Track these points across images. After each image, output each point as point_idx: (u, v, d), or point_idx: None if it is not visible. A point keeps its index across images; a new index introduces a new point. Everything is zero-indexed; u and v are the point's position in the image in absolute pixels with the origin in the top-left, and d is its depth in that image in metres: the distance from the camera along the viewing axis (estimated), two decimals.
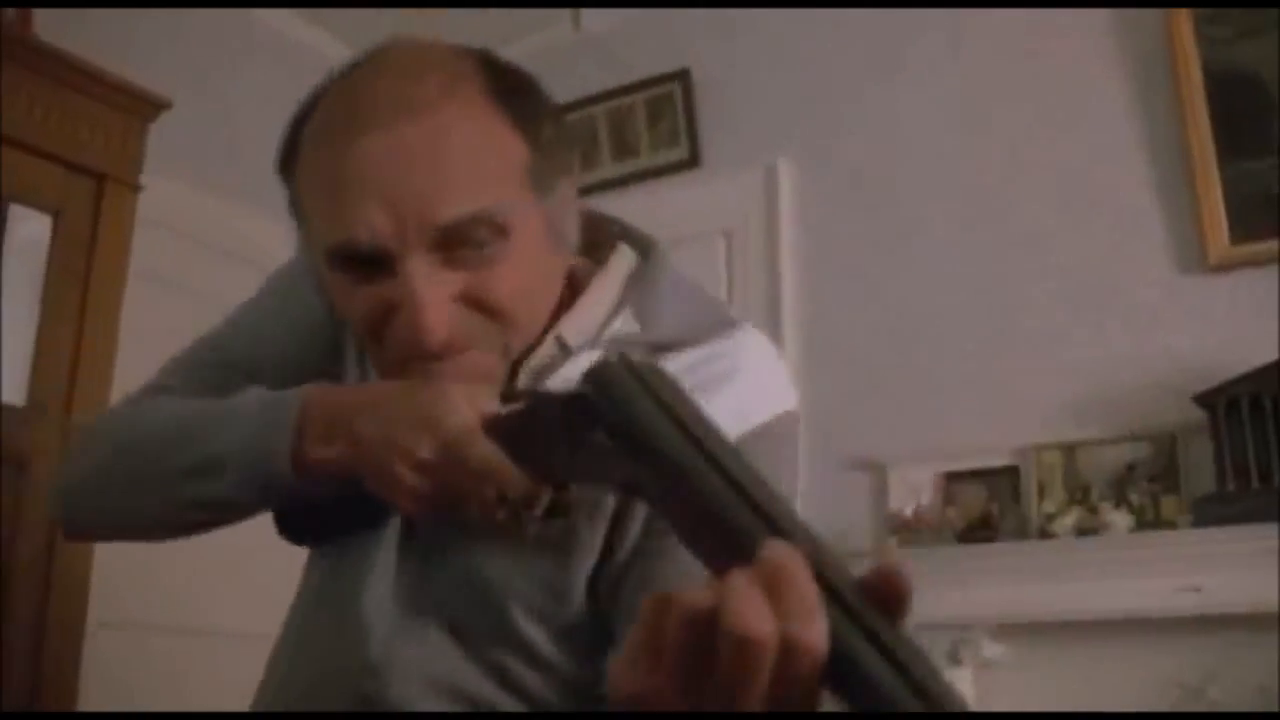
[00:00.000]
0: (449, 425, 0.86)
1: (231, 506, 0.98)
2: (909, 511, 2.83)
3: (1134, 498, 2.59)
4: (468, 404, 0.87)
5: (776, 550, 0.52)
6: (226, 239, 3.41)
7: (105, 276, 2.57)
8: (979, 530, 2.74)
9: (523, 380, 0.98)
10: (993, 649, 2.63)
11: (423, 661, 0.96)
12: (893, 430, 2.95)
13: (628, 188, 3.49)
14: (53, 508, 1.10)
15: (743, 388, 0.99)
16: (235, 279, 3.38)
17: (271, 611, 1.20)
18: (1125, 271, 2.79)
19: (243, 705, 1.09)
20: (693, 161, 3.48)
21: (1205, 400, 2.50)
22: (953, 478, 2.88)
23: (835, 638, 0.50)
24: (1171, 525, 2.53)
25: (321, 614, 1.04)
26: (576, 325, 1.01)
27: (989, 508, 2.77)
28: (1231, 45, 2.75)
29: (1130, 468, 2.65)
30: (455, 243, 0.90)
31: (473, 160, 0.91)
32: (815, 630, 0.50)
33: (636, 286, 1.04)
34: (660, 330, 1.01)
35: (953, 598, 2.48)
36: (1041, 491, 2.73)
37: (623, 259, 1.07)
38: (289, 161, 0.99)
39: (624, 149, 3.59)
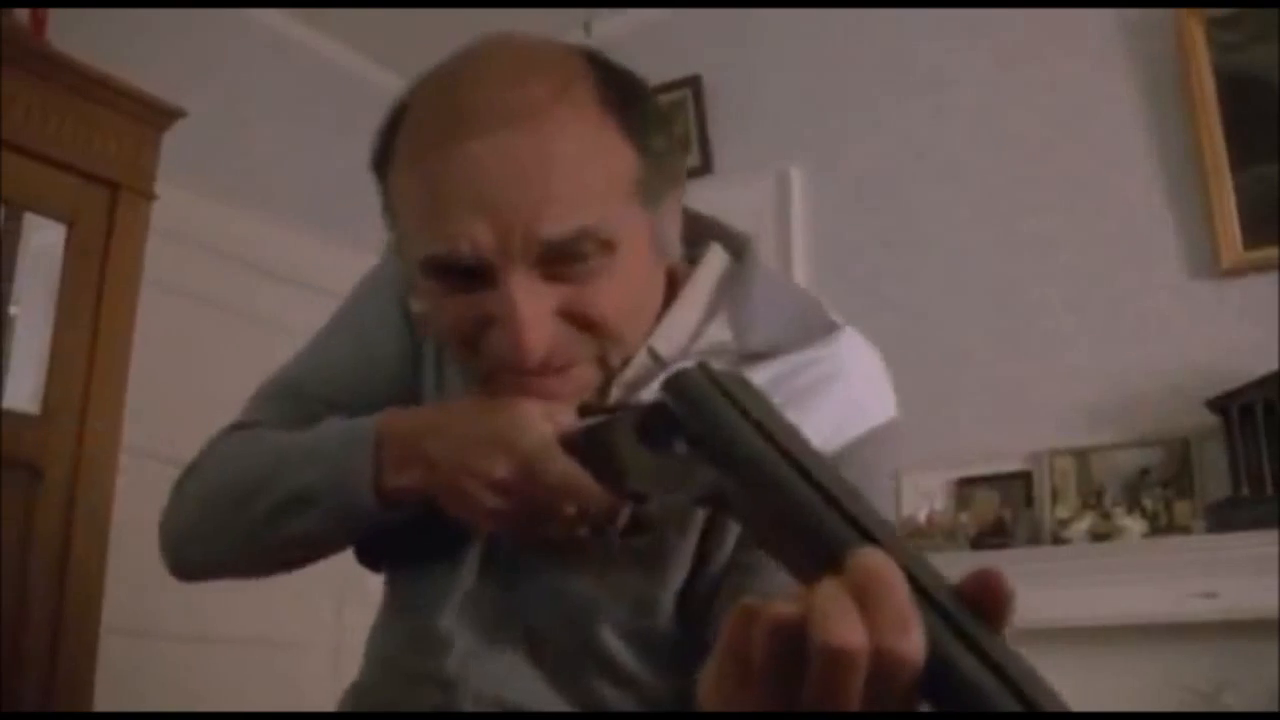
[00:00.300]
0: (525, 443, 0.85)
1: (324, 540, 0.99)
2: (922, 517, 2.82)
3: (1147, 503, 2.59)
4: (543, 420, 0.85)
5: (868, 557, 0.50)
6: (240, 247, 3.42)
7: (119, 285, 2.58)
8: (992, 536, 2.74)
9: (615, 395, 0.95)
10: None
11: (498, 679, 0.95)
12: (905, 436, 2.94)
13: None
14: (162, 555, 1.09)
15: (842, 396, 0.96)
16: (249, 287, 3.43)
17: (281, 619, 1.21)
18: (1138, 277, 2.78)
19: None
20: (704, 168, 3.49)
21: (1219, 405, 2.49)
22: (965, 483, 2.87)
23: (933, 646, 0.49)
24: (1185, 530, 2.52)
25: (400, 626, 1.04)
26: (668, 335, 0.98)
27: (1002, 513, 2.77)
28: (1243, 50, 2.74)
29: (1144, 473, 2.64)
30: (558, 257, 0.86)
31: (581, 172, 0.87)
32: (912, 641, 0.48)
33: (729, 290, 1.00)
34: (754, 338, 0.97)
35: None
36: (1055, 497, 2.73)
37: (715, 259, 1.03)
38: (383, 162, 0.95)
39: None
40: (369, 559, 1.05)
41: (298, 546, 1.00)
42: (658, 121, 0.94)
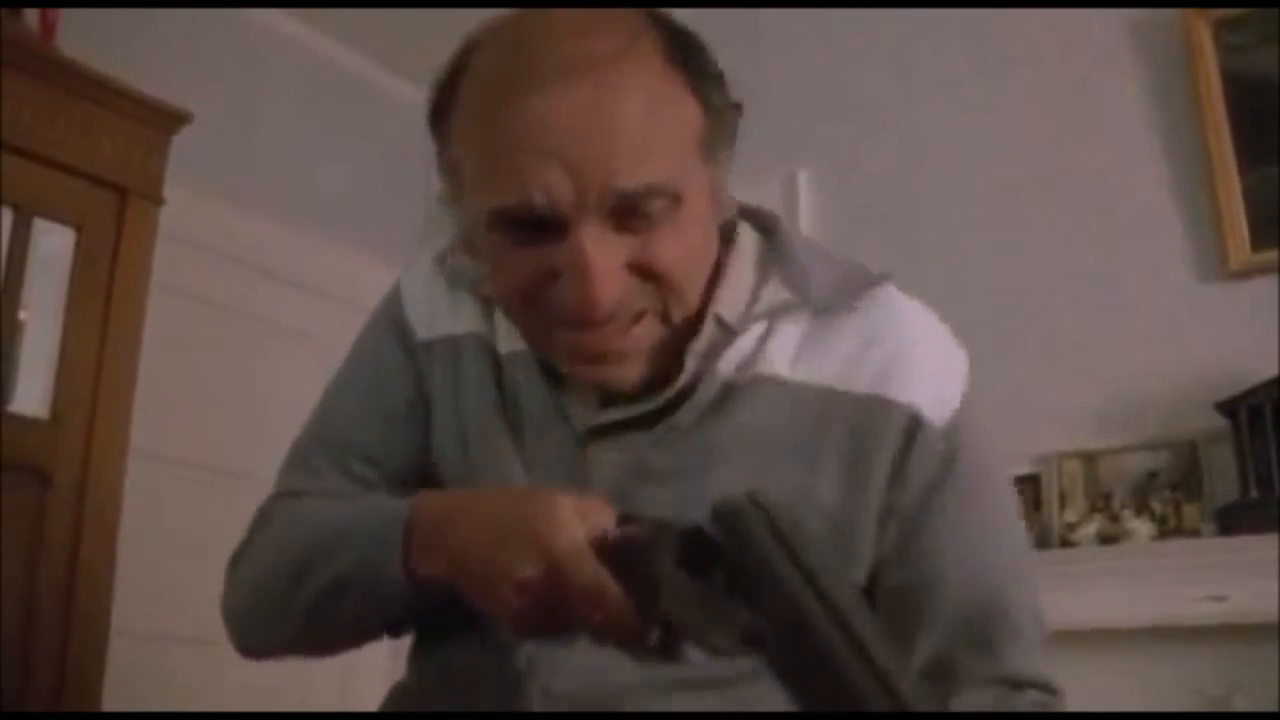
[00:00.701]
0: (556, 544, 0.78)
1: (368, 624, 0.97)
2: None
3: (1156, 506, 2.58)
4: (577, 519, 0.79)
5: None
6: (248, 251, 3.43)
7: (127, 289, 2.59)
8: None
9: (689, 366, 0.95)
10: None
11: (569, 674, 0.93)
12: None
13: None
14: (229, 638, 1.08)
15: (926, 367, 0.98)
16: (256, 291, 3.43)
17: None
18: (1145, 279, 2.77)
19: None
20: None
21: (1227, 407, 2.48)
22: None
23: None
24: (1194, 533, 2.51)
25: (458, 624, 0.99)
26: (730, 302, 0.99)
27: None
28: (1250, 52, 2.74)
29: (1152, 476, 2.64)
30: (629, 209, 0.87)
31: (654, 125, 0.88)
32: None
33: (771, 258, 1.02)
34: (816, 293, 0.98)
35: None
36: (1063, 500, 2.72)
37: (748, 234, 1.05)
38: (443, 116, 0.95)
39: None
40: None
41: (347, 630, 0.99)
42: (716, 77, 0.95)
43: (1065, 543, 2.64)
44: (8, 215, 2.47)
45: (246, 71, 3.60)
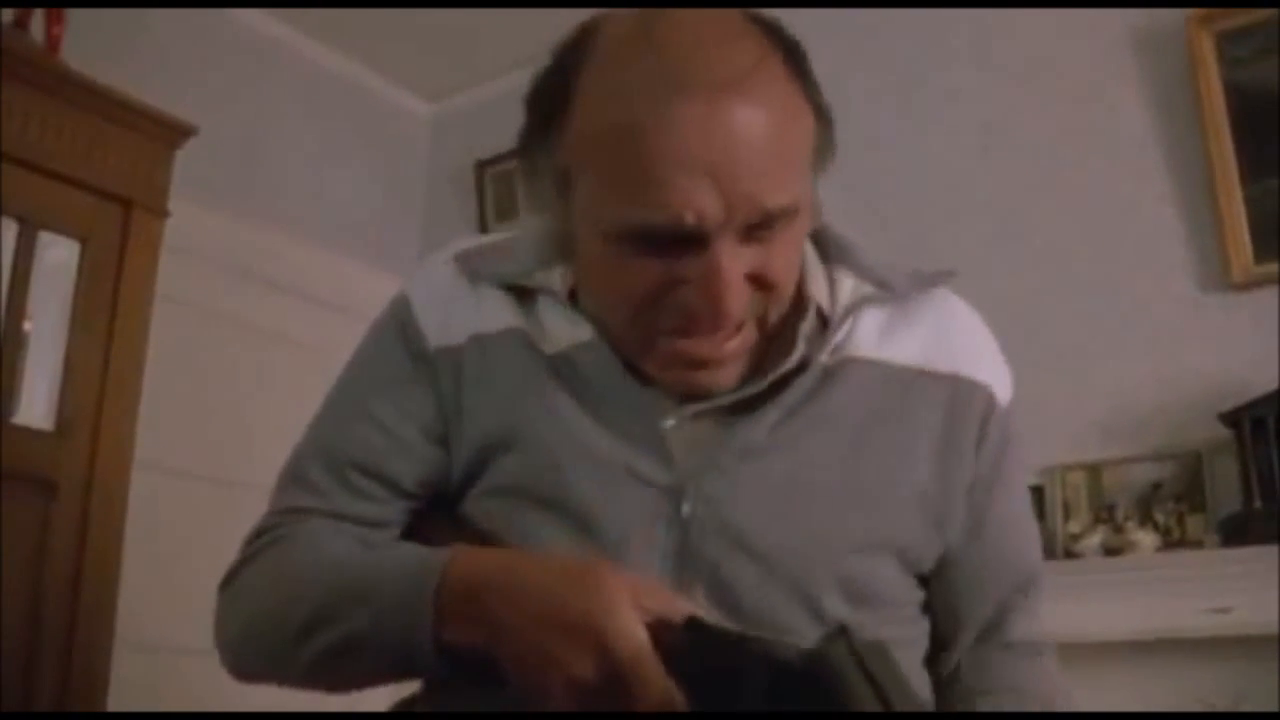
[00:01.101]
0: (619, 648, 0.75)
1: (378, 679, 0.92)
2: None
3: (1159, 517, 2.58)
4: (632, 611, 0.76)
5: None
6: (252, 264, 3.44)
7: (132, 301, 2.60)
8: None
9: (800, 347, 0.96)
10: None
11: None
12: None
13: None
14: (221, 661, 1.03)
15: (993, 353, 1.09)
16: (261, 303, 3.44)
17: None
18: (1149, 290, 2.78)
19: None
20: None
21: (1230, 418, 2.48)
22: None
23: None
24: (1198, 544, 2.51)
25: None
26: (819, 294, 1.01)
27: None
28: (1253, 63, 2.74)
29: (1155, 486, 2.63)
30: (763, 224, 0.88)
31: (790, 141, 0.89)
32: None
33: (834, 255, 1.05)
34: (892, 284, 1.03)
35: None
36: (1067, 511, 2.72)
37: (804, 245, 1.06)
38: (554, 120, 0.91)
39: None
40: None
41: (352, 681, 0.94)
42: (818, 84, 0.95)
43: (1069, 554, 2.64)
44: (13, 228, 2.48)
45: (251, 84, 3.61)
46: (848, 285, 1.02)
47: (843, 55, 3.40)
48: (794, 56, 0.93)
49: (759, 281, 0.90)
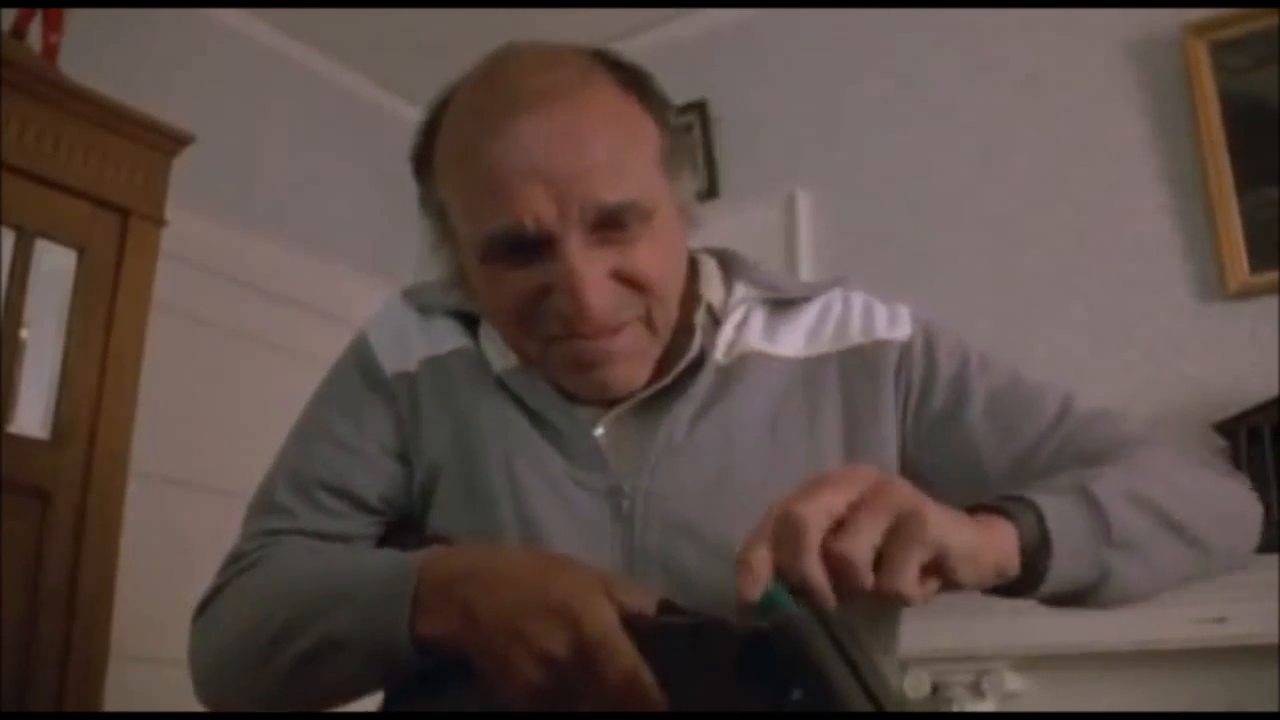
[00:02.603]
0: (590, 623, 0.78)
1: (357, 685, 0.94)
2: None
3: None
4: (603, 596, 0.79)
5: None
6: (249, 273, 3.44)
7: (129, 310, 2.59)
8: None
9: (696, 339, 1.03)
10: (1015, 681, 2.61)
11: None
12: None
13: None
14: (196, 691, 1.04)
15: (874, 309, 1.11)
16: (258, 312, 3.44)
17: None
18: (1145, 300, 2.78)
19: None
20: (711, 193, 3.49)
21: (1226, 428, 2.48)
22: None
23: None
24: None
25: None
26: (712, 297, 1.08)
27: None
28: (1248, 74, 2.75)
29: None
30: (609, 223, 0.94)
31: (622, 142, 0.96)
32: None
33: (733, 270, 1.11)
34: (782, 290, 1.10)
35: (974, 630, 2.47)
36: None
37: (707, 258, 1.14)
38: (426, 158, 1.02)
39: None
40: None
41: (330, 690, 0.95)
42: (666, 101, 1.04)
43: None
44: (10, 236, 2.47)
45: (248, 92, 3.61)
46: (740, 290, 1.09)
47: (839, 65, 3.41)
48: (630, 75, 1.01)
49: (626, 280, 0.96)
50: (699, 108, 3.54)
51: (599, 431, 1.02)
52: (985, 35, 3.16)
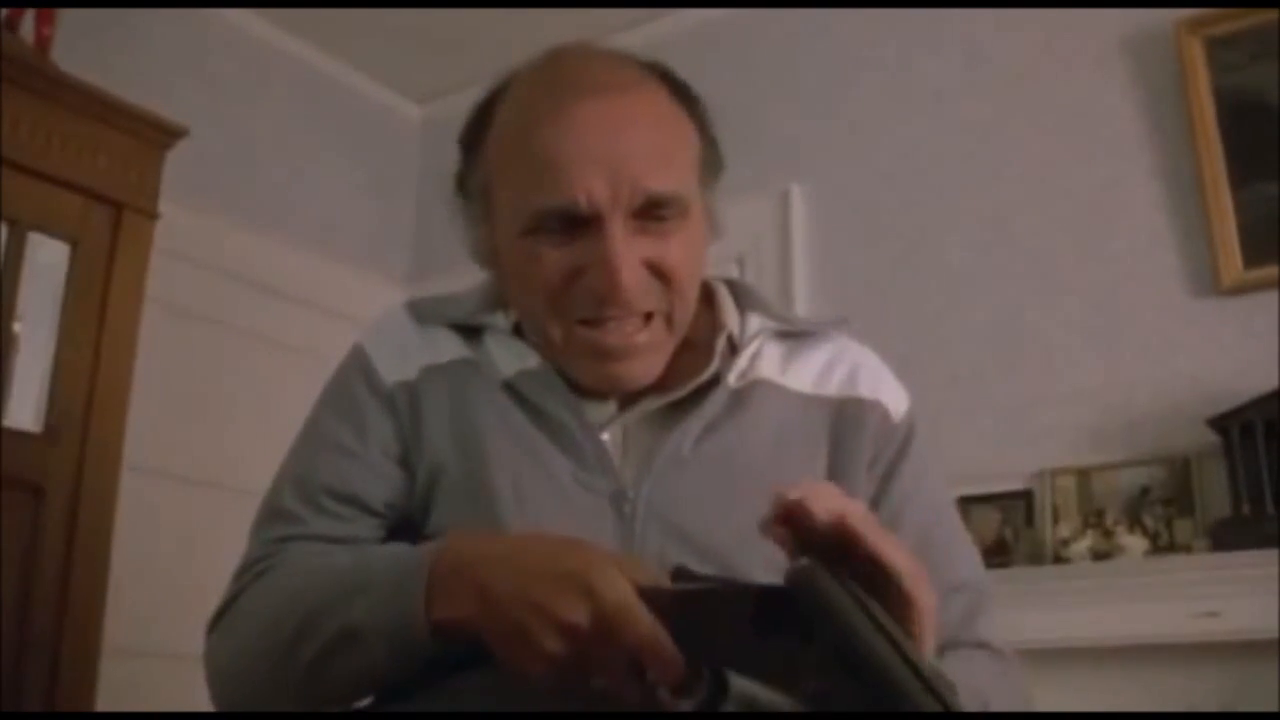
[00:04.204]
0: (608, 591, 0.80)
1: (375, 676, 0.95)
2: None
3: (1148, 522, 2.58)
4: (620, 571, 0.82)
5: None
6: (243, 267, 3.43)
7: (122, 304, 2.59)
8: (993, 555, 2.73)
9: (715, 363, 1.08)
10: None
11: None
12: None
13: None
14: (212, 696, 1.06)
15: (883, 375, 1.15)
16: (251, 306, 3.43)
17: None
18: (1138, 296, 2.78)
19: None
20: None
21: (1219, 424, 2.49)
22: (966, 502, 2.87)
23: None
24: (1187, 549, 2.51)
25: None
26: (731, 325, 1.13)
27: (1003, 532, 2.76)
28: (1243, 70, 2.75)
29: (1144, 491, 2.64)
30: (649, 213, 1.00)
31: (671, 140, 1.04)
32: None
33: (745, 301, 1.16)
34: (793, 322, 1.15)
35: None
36: (1056, 516, 2.72)
37: (718, 283, 1.19)
38: (479, 135, 1.09)
39: None
40: None
41: (351, 683, 0.96)
42: (708, 117, 1.11)
43: (1058, 559, 2.64)
44: (3, 229, 2.47)
45: (242, 86, 3.61)
46: (755, 322, 1.14)
47: (834, 60, 3.41)
48: (680, 87, 1.10)
49: (656, 270, 1.02)
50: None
51: (606, 436, 1.05)
52: (980, 31, 3.15)
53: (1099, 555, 2.58)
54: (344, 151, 3.91)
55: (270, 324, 3.46)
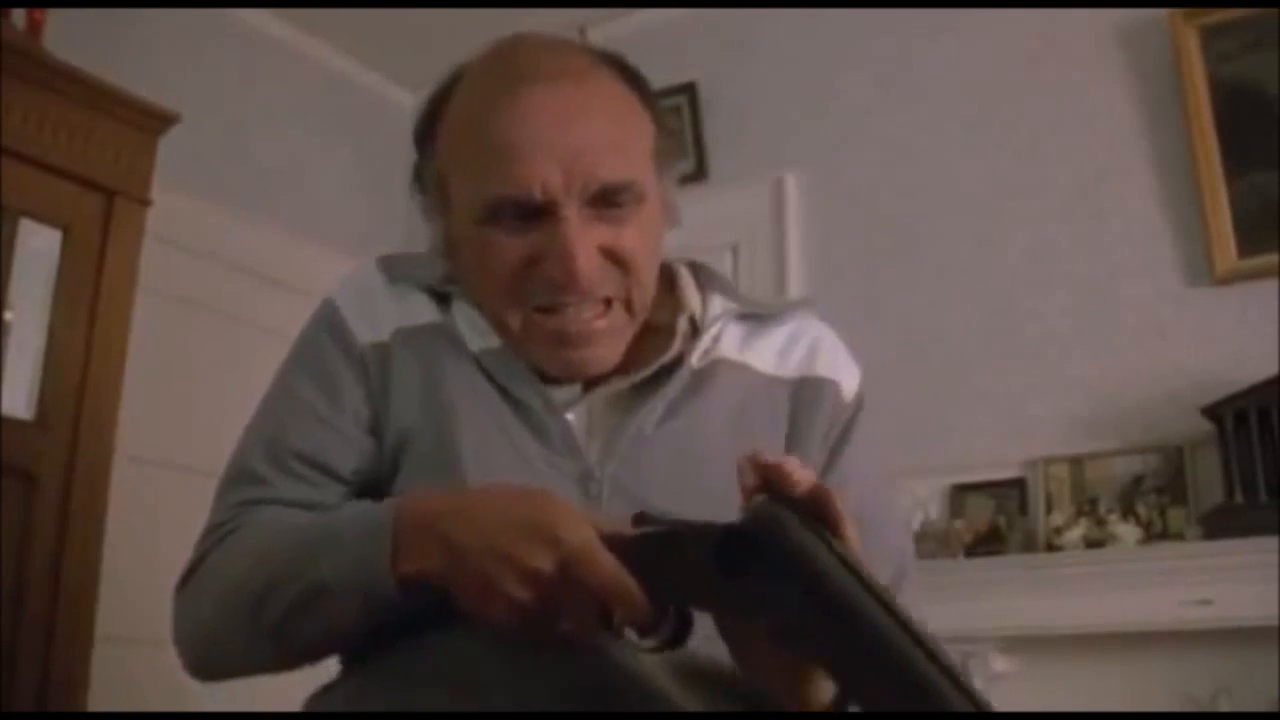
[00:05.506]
0: (570, 537, 0.83)
1: (345, 631, 0.96)
2: (916, 524, 2.82)
3: (1141, 510, 2.59)
4: (581, 519, 0.85)
5: None
6: (235, 253, 3.42)
7: (114, 291, 2.58)
8: (986, 543, 2.74)
9: (676, 344, 1.08)
10: (1001, 663, 2.62)
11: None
12: (900, 443, 2.93)
13: None
14: (182, 662, 1.06)
15: (838, 356, 1.16)
16: (244, 293, 3.42)
17: None
18: (1133, 284, 2.78)
19: None
20: (699, 175, 3.48)
21: (1213, 413, 2.49)
22: (960, 490, 2.87)
23: None
24: (1179, 537, 2.52)
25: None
26: (691, 308, 1.13)
27: (996, 520, 2.77)
28: (1238, 58, 2.75)
29: (1138, 480, 2.64)
30: (603, 200, 1.00)
31: (625, 128, 1.04)
32: None
33: (706, 283, 1.16)
34: (756, 306, 1.15)
35: (960, 611, 2.47)
36: (1049, 504, 2.73)
37: (681, 266, 1.18)
38: (431, 128, 1.09)
39: None
40: None
41: (319, 639, 0.98)
42: (660, 106, 1.11)
43: (1051, 546, 2.65)
44: None
45: (235, 73, 3.59)
46: (717, 303, 1.14)
47: (828, 49, 3.40)
48: (632, 75, 1.09)
49: (612, 256, 1.02)
50: (688, 90, 3.53)
51: (571, 417, 1.05)
52: (974, 19, 3.15)
53: (1092, 543, 2.59)
54: (337, 138, 3.90)
55: (262, 310, 3.45)
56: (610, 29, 3.68)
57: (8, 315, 2.50)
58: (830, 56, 3.39)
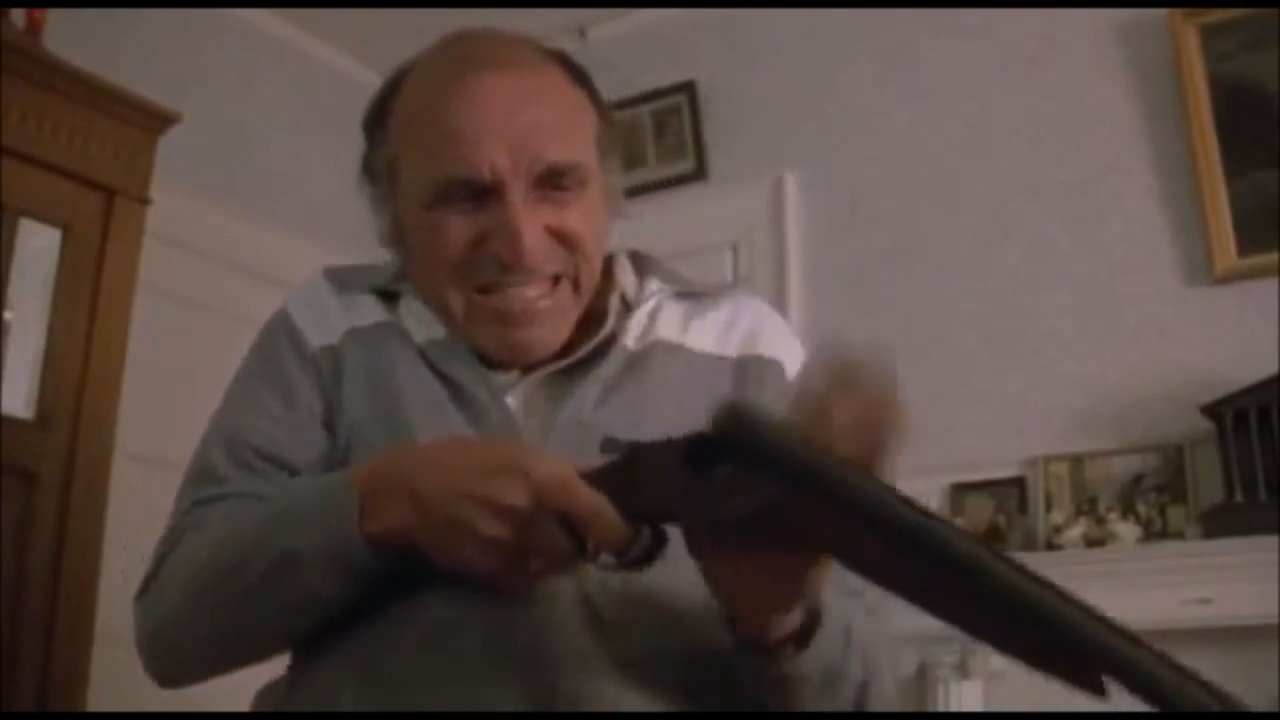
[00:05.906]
0: (541, 469, 0.85)
1: (317, 600, 0.95)
2: None
3: (1141, 509, 2.59)
4: (545, 454, 0.87)
5: None
6: (235, 252, 3.42)
7: (114, 290, 2.58)
8: (986, 542, 2.74)
9: (610, 321, 1.11)
10: (1001, 661, 2.61)
11: (615, 649, 0.94)
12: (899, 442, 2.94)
13: (634, 199, 3.47)
14: (146, 666, 1.07)
15: (781, 334, 1.16)
16: (243, 292, 3.42)
17: None
18: (1132, 284, 2.78)
19: None
20: (699, 174, 3.48)
21: (1213, 411, 2.49)
22: (960, 489, 2.87)
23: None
24: (1179, 536, 2.52)
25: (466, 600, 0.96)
26: (626, 288, 1.16)
27: (996, 519, 2.77)
28: (1238, 58, 2.75)
29: (1137, 479, 2.64)
30: (549, 182, 1.03)
31: (570, 116, 1.08)
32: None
33: (645, 267, 1.18)
34: (693, 285, 1.17)
35: None
36: (1049, 503, 2.73)
37: (620, 255, 1.20)
38: (380, 117, 1.12)
39: (630, 161, 3.58)
40: None
41: (290, 612, 0.96)
42: (604, 101, 1.15)
43: (1051, 545, 2.65)
44: None
45: (235, 72, 3.59)
46: (653, 283, 1.16)
47: (828, 48, 3.40)
48: (576, 69, 1.13)
49: (558, 235, 1.04)
50: (688, 89, 3.53)
51: (510, 400, 1.06)
52: (973, 18, 3.15)
53: (1092, 542, 2.59)
54: (335, 137, 3.87)
55: (262, 311, 3.41)
56: (610, 29, 3.68)
57: (8, 315, 2.50)
58: (830, 56, 3.39)
